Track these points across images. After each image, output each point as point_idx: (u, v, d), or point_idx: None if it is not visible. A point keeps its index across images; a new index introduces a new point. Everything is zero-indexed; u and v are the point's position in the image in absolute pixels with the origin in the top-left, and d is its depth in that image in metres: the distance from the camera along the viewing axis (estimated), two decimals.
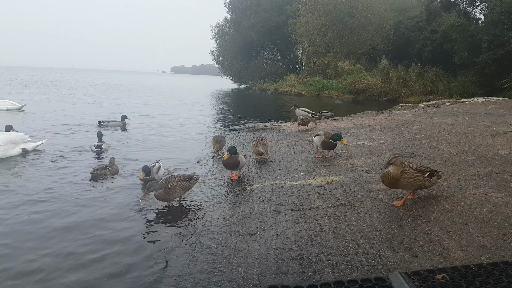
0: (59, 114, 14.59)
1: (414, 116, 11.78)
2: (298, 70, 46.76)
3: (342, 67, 32.66)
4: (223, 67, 53.11)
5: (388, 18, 33.49)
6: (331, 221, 3.78)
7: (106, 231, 4.17)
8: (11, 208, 4.79)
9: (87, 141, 9.31)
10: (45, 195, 5.33)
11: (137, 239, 3.94)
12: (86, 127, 11.66)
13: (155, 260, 3.44)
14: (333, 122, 11.74)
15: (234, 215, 4.27)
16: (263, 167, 6.42)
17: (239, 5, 48.81)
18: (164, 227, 4.24)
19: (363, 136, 8.63)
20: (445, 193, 4.29)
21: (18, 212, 4.68)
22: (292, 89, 34.84)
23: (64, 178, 6.16)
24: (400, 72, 27.29)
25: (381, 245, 3.17)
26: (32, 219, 4.48)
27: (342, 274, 2.78)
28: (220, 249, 3.43)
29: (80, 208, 4.86)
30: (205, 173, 6.49)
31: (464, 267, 2.63)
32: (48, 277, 3.23)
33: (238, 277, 2.90)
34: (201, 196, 5.17)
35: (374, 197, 4.37)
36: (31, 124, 11.80)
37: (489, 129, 8.02)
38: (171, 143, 9.71)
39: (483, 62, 21.68)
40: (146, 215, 4.66)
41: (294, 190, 4.89)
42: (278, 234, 3.58)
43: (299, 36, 37.64)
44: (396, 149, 6.86)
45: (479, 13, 27.25)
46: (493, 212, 3.62)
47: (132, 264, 3.42)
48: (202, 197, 5.14)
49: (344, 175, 5.40)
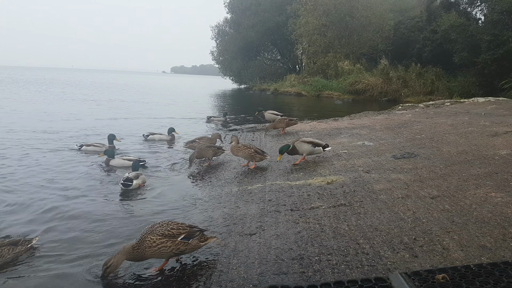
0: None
1: (414, 116, 11.77)
2: (298, 70, 46.73)
3: (342, 67, 32.64)
4: (223, 67, 53.08)
5: (388, 18, 33.48)
6: (331, 221, 3.78)
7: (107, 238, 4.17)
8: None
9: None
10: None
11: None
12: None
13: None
14: (333, 122, 11.74)
15: (234, 215, 4.27)
16: (263, 167, 6.41)
17: (239, 5, 48.78)
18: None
19: (363, 136, 8.63)
20: (445, 193, 4.29)
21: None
22: (292, 89, 34.82)
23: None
24: (400, 72, 27.29)
25: (381, 245, 3.17)
26: None
27: (342, 274, 2.78)
28: (220, 249, 3.43)
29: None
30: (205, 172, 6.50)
31: (464, 267, 2.62)
32: None
33: (238, 277, 2.90)
34: (201, 196, 5.17)
35: (374, 197, 4.37)
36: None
37: (489, 129, 8.02)
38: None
39: (483, 62, 21.67)
40: (147, 216, 4.66)
41: (294, 190, 4.89)
42: (278, 234, 3.58)
43: (299, 36, 37.62)
44: (396, 149, 6.86)
45: (479, 13, 27.27)
46: (493, 212, 3.62)
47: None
48: (202, 197, 5.14)
49: (344, 175, 5.40)
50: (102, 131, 11.09)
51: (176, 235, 3.19)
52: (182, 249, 3.20)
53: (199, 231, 3.33)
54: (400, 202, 4.13)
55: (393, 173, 5.35)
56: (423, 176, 5.07)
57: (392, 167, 5.65)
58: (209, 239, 3.39)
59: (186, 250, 3.23)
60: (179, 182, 6.11)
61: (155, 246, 3.09)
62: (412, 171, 5.34)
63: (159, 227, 3.19)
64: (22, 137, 9.56)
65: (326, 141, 8.45)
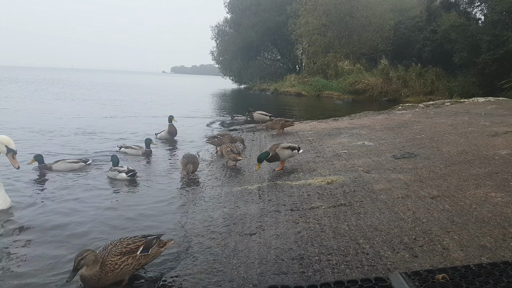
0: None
1: (414, 116, 11.78)
2: (298, 70, 46.73)
3: (342, 67, 32.64)
4: (223, 67, 53.10)
5: (388, 18, 33.49)
6: (331, 221, 3.78)
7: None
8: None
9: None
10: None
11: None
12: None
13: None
14: (333, 122, 11.74)
15: (234, 215, 4.27)
16: (262, 167, 6.41)
17: (239, 5, 48.79)
18: (164, 227, 4.24)
19: (363, 136, 8.63)
20: (445, 193, 4.29)
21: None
22: (292, 89, 34.82)
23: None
24: (400, 72, 27.28)
25: (381, 245, 3.17)
26: None
27: (342, 274, 2.78)
28: (220, 249, 3.43)
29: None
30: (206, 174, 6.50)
31: (464, 267, 2.63)
32: None
33: (238, 277, 2.90)
34: (201, 197, 5.17)
35: (374, 197, 4.37)
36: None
37: (489, 129, 8.02)
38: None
39: (483, 62, 21.68)
40: (146, 216, 4.66)
41: (294, 190, 4.89)
42: (278, 234, 3.58)
43: (299, 36, 37.62)
44: (396, 149, 6.86)
45: (479, 13, 27.28)
46: (493, 212, 3.62)
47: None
48: (202, 197, 5.14)
49: (344, 175, 5.40)
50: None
51: (135, 250, 3.03)
52: (143, 263, 3.09)
53: (155, 238, 3.20)
54: (400, 202, 4.13)
55: (393, 173, 5.35)
56: (423, 176, 5.07)
57: (392, 167, 5.66)
58: (168, 243, 3.30)
59: (147, 261, 3.13)
60: (178, 182, 6.11)
61: (117, 268, 2.90)
62: (412, 171, 5.34)
63: (114, 247, 3.00)
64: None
65: (326, 141, 8.46)
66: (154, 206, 5.00)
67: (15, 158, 4.79)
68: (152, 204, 5.08)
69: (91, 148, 8.61)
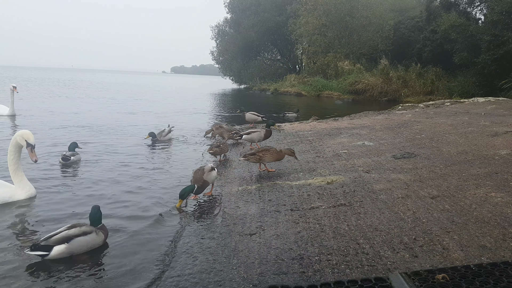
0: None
1: (414, 116, 11.78)
2: (298, 70, 46.74)
3: (342, 67, 32.65)
4: (223, 67, 53.10)
5: (388, 18, 33.48)
6: (331, 221, 3.78)
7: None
8: None
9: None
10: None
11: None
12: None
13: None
14: (333, 122, 11.74)
15: (234, 215, 4.27)
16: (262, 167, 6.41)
17: (239, 5, 48.79)
18: (164, 227, 4.24)
19: (363, 136, 8.64)
20: (445, 193, 4.29)
21: None
22: (292, 89, 34.83)
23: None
24: (400, 72, 27.29)
25: (381, 245, 3.17)
26: None
27: (342, 274, 2.78)
28: (220, 249, 3.43)
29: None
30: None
31: (464, 267, 2.63)
32: None
33: (238, 277, 2.90)
34: (201, 197, 5.17)
35: (374, 197, 4.37)
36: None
37: (489, 129, 8.02)
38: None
39: (483, 62, 21.67)
40: (147, 216, 4.65)
41: (294, 190, 4.89)
42: (278, 234, 3.58)
43: (299, 36, 37.63)
44: (396, 149, 6.86)
45: (479, 13, 27.29)
46: (493, 212, 3.62)
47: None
48: (202, 197, 5.14)
49: (344, 175, 5.40)
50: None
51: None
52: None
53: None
54: (400, 202, 4.14)
55: (393, 173, 5.35)
56: (423, 176, 5.07)
57: (392, 167, 5.66)
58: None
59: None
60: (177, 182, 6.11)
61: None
62: (412, 171, 5.34)
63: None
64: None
65: (326, 141, 8.46)
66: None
67: (33, 152, 5.05)
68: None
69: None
